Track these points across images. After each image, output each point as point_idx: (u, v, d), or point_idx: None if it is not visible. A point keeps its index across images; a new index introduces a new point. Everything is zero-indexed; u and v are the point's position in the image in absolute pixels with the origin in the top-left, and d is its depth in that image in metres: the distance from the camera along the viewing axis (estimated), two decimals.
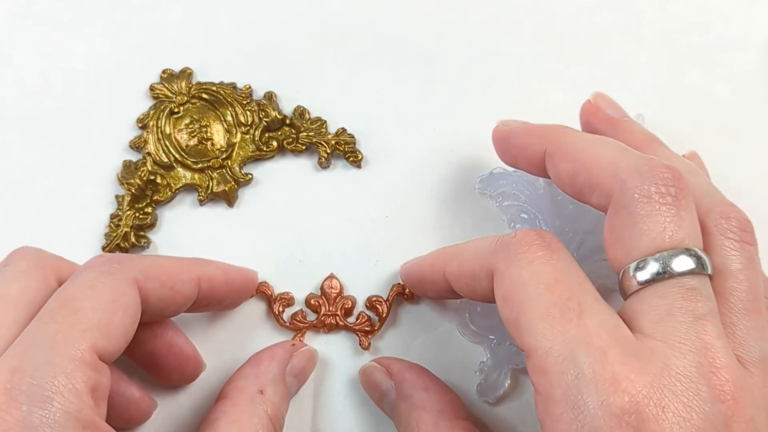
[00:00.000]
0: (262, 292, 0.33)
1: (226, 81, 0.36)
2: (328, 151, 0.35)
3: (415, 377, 0.30)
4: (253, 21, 0.38)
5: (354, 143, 0.35)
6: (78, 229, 0.34)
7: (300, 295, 0.34)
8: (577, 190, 0.27)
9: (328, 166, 0.36)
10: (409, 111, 0.36)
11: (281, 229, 0.35)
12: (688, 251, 0.23)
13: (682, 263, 0.23)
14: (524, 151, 0.29)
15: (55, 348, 0.23)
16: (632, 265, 0.24)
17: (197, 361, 0.31)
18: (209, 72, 0.37)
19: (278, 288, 0.34)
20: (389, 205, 0.35)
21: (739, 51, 0.38)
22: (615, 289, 0.33)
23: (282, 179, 0.36)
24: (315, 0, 0.38)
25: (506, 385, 0.32)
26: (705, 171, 0.33)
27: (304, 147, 0.35)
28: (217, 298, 0.30)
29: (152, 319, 0.28)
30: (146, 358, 0.30)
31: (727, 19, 0.38)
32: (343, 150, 0.35)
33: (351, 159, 0.35)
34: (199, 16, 0.38)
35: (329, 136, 0.35)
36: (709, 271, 0.24)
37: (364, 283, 0.34)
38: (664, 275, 0.23)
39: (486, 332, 0.33)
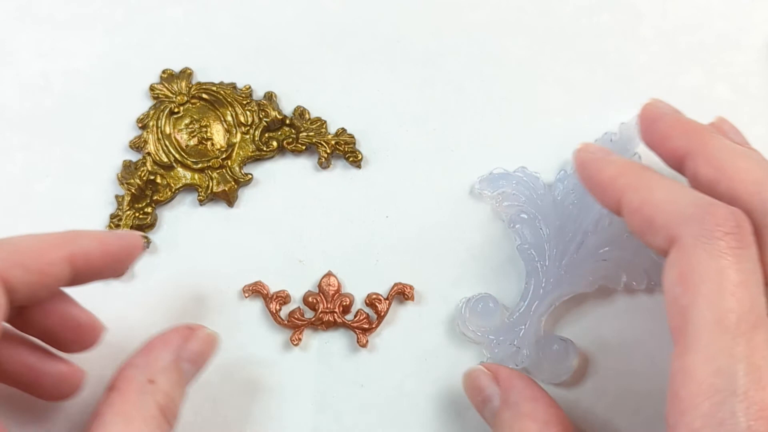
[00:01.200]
0: (257, 291, 0.33)
1: (226, 81, 0.36)
2: (328, 151, 0.35)
3: (524, 386, 0.29)
4: (253, 21, 0.38)
5: (354, 143, 0.35)
6: (78, 229, 0.34)
7: (300, 295, 0.34)
8: (717, 195, 0.26)
9: (328, 166, 0.36)
10: (409, 111, 0.36)
11: (281, 229, 0.35)
12: None
13: None
14: (666, 142, 0.29)
15: None
16: None
17: (95, 325, 0.30)
18: (209, 72, 0.37)
19: (277, 288, 0.34)
20: (389, 205, 0.35)
21: (739, 51, 0.37)
22: (615, 290, 0.33)
23: (282, 179, 0.36)
24: (315, 0, 0.38)
25: None
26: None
27: (304, 147, 0.35)
28: (97, 270, 0.29)
29: (25, 303, 0.27)
30: (44, 335, 0.29)
31: (727, 19, 0.38)
32: (343, 150, 0.35)
33: (351, 159, 0.35)
34: (199, 15, 0.38)
35: (329, 136, 0.35)
36: None
37: (363, 282, 0.34)
38: None
39: (486, 333, 0.33)
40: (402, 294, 0.33)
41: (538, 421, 0.28)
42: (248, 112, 0.35)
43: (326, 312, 0.33)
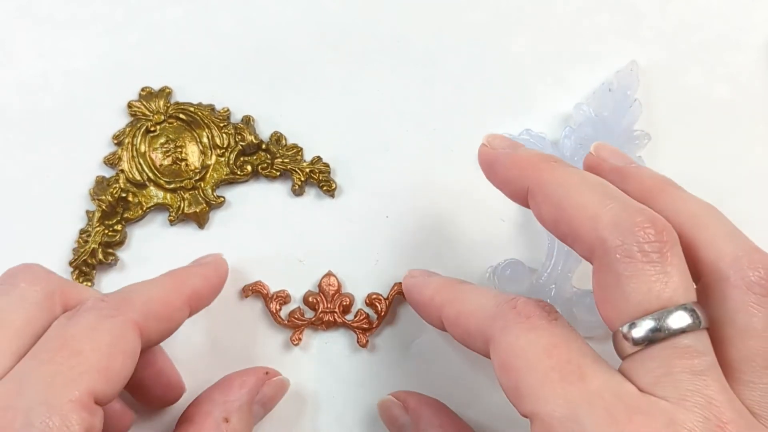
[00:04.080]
0: (257, 291, 0.33)
1: (213, 101, 0.36)
2: (302, 178, 0.35)
3: (431, 414, 0.30)
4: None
5: (328, 172, 0.35)
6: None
7: (300, 295, 0.34)
8: (561, 236, 0.26)
9: (302, 194, 0.35)
10: (409, 111, 0.36)
11: (281, 229, 0.35)
12: (682, 307, 0.23)
13: (675, 320, 0.22)
14: (507, 185, 0.28)
15: (52, 388, 0.23)
16: (623, 328, 0.23)
17: (180, 387, 0.31)
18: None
19: (278, 288, 0.34)
20: (389, 205, 0.35)
21: (739, 51, 0.37)
22: None
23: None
24: (318, 10, 0.38)
25: None
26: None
27: (278, 173, 0.35)
28: (203, 307, 0.30)
29: (147, 348, 0.28)
30: (134, 383, 0.29)
31: (727, 19, 0.38)
32: (317, 179, 0.35)
33: (325, 188, 0.35)
34: (199, 16, 0.38)
35: (304, 164, 0.35)
36: (704, 325, 0.23)
37: (364, 282, 0.34)
38: (659, 333, 0.22)
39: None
40: (402, 294, 0.33)
41: None
42: (224, 135, 0.35)
43: (326, 312, 0.33)
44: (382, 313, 0.33)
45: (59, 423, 0.22)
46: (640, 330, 0.23)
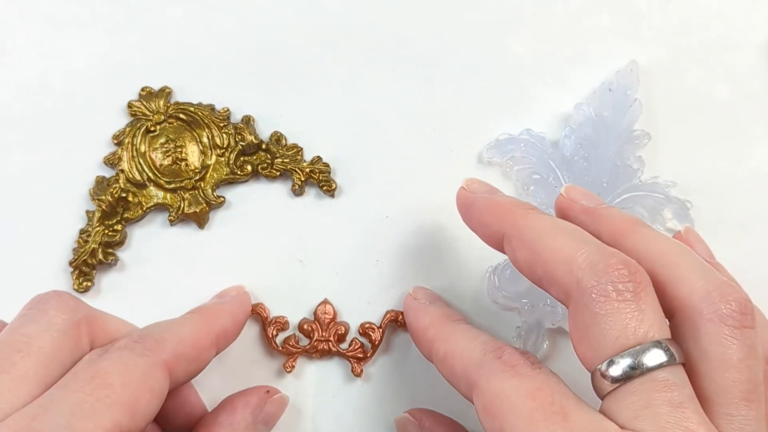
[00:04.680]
0: (257, 313, 0.33)
1: (213, 101, 0.36)
2: (303, 178, 0.35)
3: None
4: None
5: (329, 172, 0.35)
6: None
7: (299, 299, 0.34)
8: (536, 279, 0.26)
9: (302, 194, 0.35)
10: (409, 111, 0.36)
11: (281, 229, 0.35)
12: (657, 344, 0.23)
13: (651, 358, 0.23)
14: (483, 228, 0.29)
15: (77, 416, 0.22)
16: (601, 366, 0.24)
17: (203, 415, 0.31)
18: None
19: (275, 295, 0.34)
20: (389, 205, 0.35)
21: (739, 51, 0.37)
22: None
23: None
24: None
25: (545, 346, 0.32)
26: (703, 244, 0.32)
27: (278, 173, 0.35)
28: (228, 345, 0.30)
29: (174, 388, 0.28)
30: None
31: (727, 19, 0.38)
32: (317, 179, 0.35)
33: (325, 188, 0.35)
34: (199, 16, 0.38)
35: (304, 164, 0.35)
36: (679, 361, 0.23)
37: (363, 283, 0.34)
38: (635, 371, 0.23)
39: (518, 297, 0.33)
40: (395, 321, 0.33)
41: None
42: (224, 135, 0.35)
43: (321, 340, 0.33)
44: (376, 343, 0.33)
45: None
46: (618, 368, 0.23)
